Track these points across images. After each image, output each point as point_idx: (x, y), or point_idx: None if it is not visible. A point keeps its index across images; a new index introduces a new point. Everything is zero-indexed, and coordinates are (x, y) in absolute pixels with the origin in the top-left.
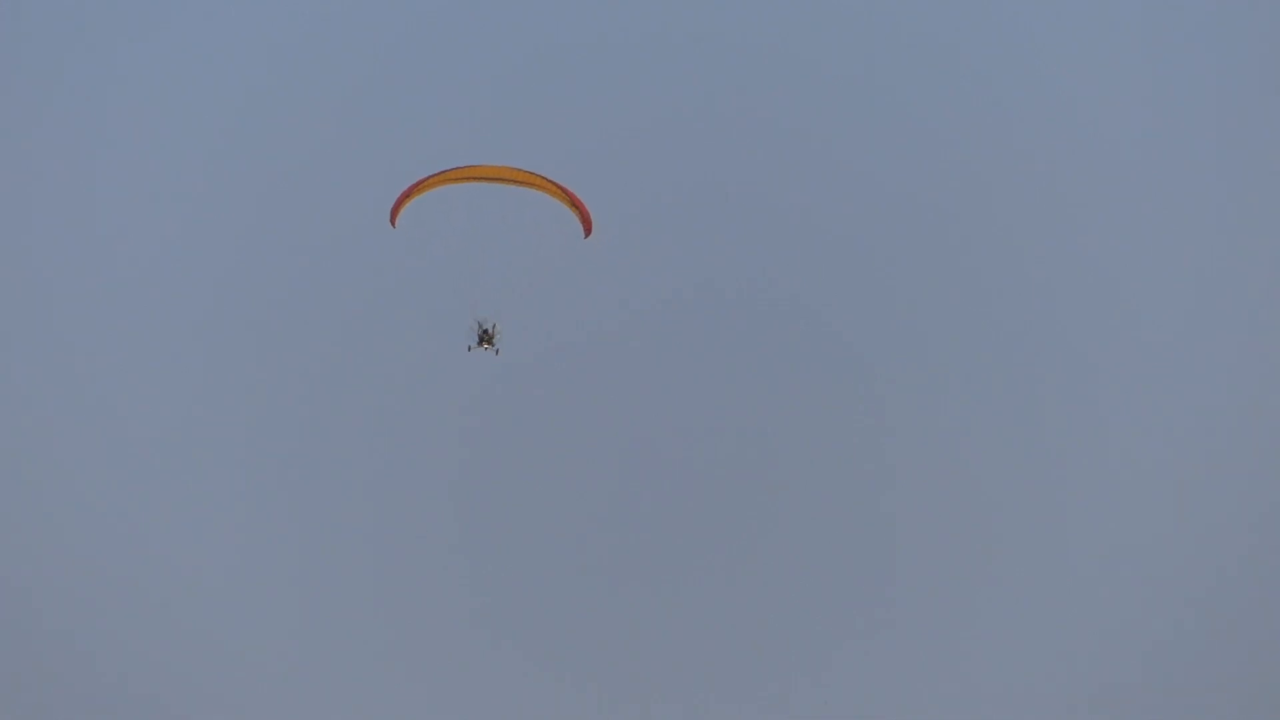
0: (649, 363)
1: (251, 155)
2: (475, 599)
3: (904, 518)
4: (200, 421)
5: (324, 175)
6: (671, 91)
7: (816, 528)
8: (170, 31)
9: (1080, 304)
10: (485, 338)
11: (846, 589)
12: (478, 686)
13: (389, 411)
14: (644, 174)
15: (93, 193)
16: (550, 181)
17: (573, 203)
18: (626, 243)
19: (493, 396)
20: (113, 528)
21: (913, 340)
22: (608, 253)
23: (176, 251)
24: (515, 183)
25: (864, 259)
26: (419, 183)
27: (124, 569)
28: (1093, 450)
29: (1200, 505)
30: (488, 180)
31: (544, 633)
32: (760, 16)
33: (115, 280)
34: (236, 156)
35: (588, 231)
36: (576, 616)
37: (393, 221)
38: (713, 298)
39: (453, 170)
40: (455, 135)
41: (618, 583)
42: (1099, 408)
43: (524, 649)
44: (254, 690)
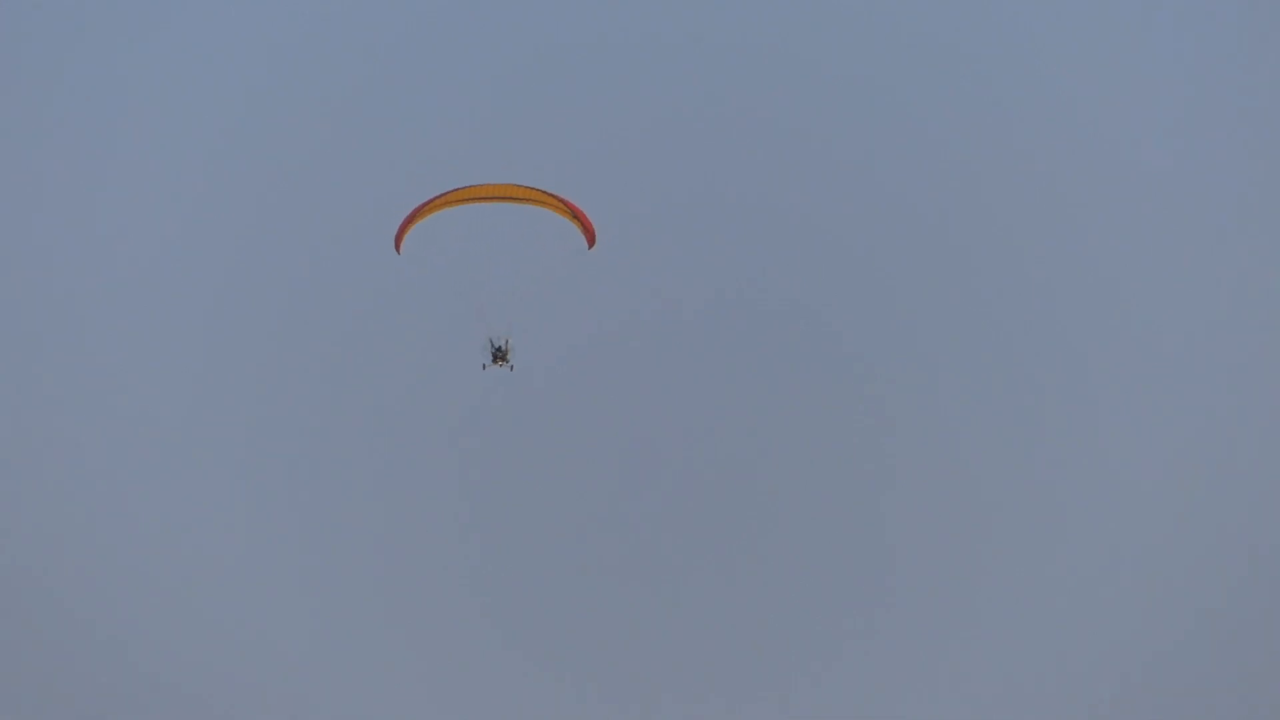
0: (650, 365)
1: (259, 157)
2: (479, 600)
3: (905, 519)
4: (211, 422)
5: (333, 176)
6: (673, 97)
7: (818, 529)
8: (173, 33)
9: (1080, 306)
10: (499, 355)
11: (847, 590)
12: (481, 686)
13: (395, 413)
14: (644, 176)
15: (100, 194)
16: (552, 196)
17: (575, 215)
18: (627, 245)
19: (497, 399)
20: (122, 526)
21: (913, 342)
22: (609, 255)
23: (191, 253)
24: (516, 200)
25: (865, 262)
26: (420, 208)
27: (133, 567)
28: (1092, 451)
29: (1199, 505)
30: (488, 200)
31: (547, 633)
32: (761, 21)
33: (141, 281)
34: (242, 158)
35: (591, 243)
36: (579, 617)
37: (397, 249)
38: (713, 300)
39: (452, 192)
40: (461, 138)
41: (620, 584)
42: (1098, 409)
43: (527, 649)
44: (260, 688)
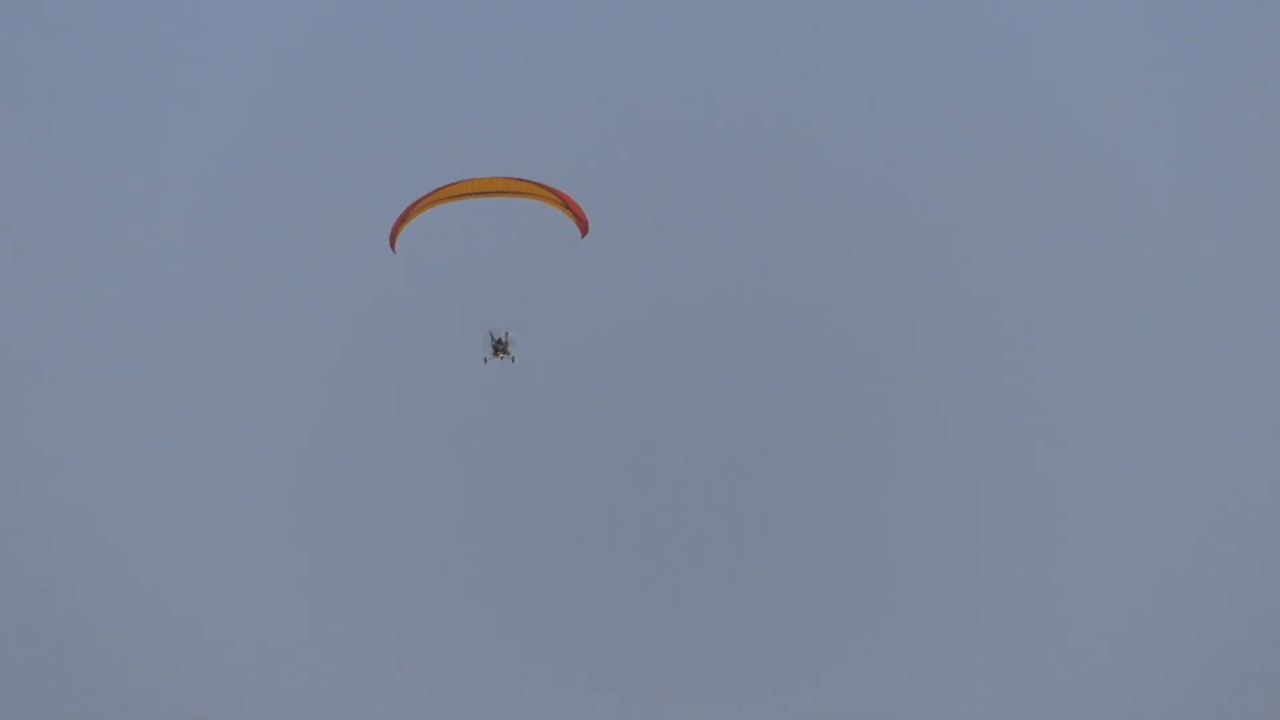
0: (650, 365)
1: (259, 157)
2: (480, 600)
3: (906, 520)
4: (211, 422)
5: (333, 176)
6: (673, 96)
7: (819, 529)
8: (174, 35)
9: (1082, 307)
10: (500, 348)
11: (848, 590)
12: (482, 686)
13: (396, 413)
14: (644, 176)
15: (100, 194)
16: (541, 186)
17: (566, 204)
18: (627, 244)
19: (498, 399)
20: (123, 526)
21: (914, 343)
22: (608, 255)
23: (190, 252)
24: (506, 193)
25: (867, 262)
26: (411, 207)
27: (134, 567)
28: (1094, 452)
29: (1200, 506)
30: (478, 195)
31: (547, 633)
32: (761, 20)
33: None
34: (242, 158)
35: (584, 231)
36: (580, 616)
37: (393, 248)
38: (713, 300)
39: (443, 189)
40: (460, 137)
41: (621, 584)
42: (1100, 410)
43: (527, 649)
44: (261, 690)
